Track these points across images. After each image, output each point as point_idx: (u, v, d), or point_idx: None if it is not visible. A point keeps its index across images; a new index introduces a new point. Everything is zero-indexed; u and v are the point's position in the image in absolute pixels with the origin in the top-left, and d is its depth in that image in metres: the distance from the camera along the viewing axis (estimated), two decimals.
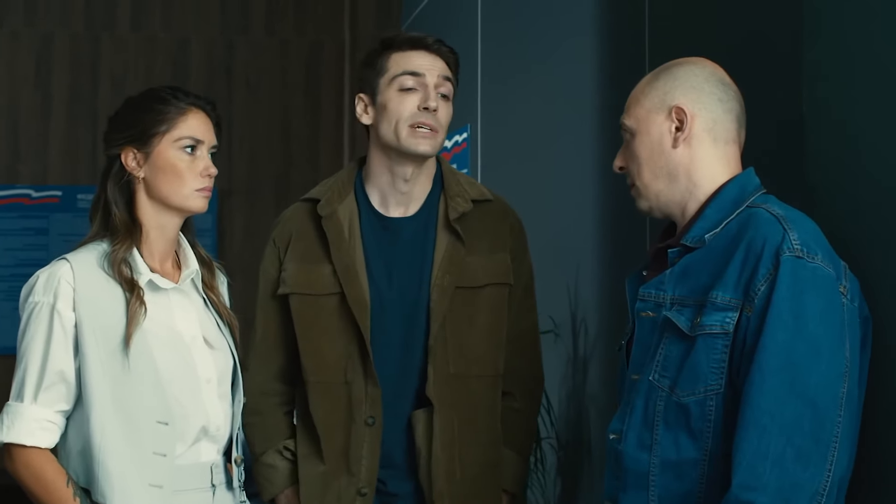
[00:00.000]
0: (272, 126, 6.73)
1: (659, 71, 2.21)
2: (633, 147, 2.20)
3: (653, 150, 2.18)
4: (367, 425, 2.70)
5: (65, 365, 2.40)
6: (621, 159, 2.24)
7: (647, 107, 2.18)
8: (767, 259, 1.98)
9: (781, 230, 1.99)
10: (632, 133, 2.20)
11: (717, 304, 2.02)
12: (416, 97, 2.69)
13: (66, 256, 2.46)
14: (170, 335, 2.47)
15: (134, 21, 6.64)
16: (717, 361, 2.02)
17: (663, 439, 2.07)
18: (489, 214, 2.81)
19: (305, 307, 2.76)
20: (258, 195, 6.57)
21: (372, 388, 2.70)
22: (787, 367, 1.93)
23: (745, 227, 2.05)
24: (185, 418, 2.44)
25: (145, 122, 2.49)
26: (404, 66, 2.70)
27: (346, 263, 2.73)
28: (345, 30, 6.85)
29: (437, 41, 2.74)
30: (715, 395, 2.02)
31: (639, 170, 2.20)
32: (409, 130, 2.68)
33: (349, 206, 2.77)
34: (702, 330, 2.03)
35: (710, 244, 2.09)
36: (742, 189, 2.13)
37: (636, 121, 2.19)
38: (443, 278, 2.72)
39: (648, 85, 2.20)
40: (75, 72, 6.58)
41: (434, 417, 2.69)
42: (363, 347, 2.70)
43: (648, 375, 2.11)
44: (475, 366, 2.74)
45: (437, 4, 5.64)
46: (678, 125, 2.16)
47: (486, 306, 2.76)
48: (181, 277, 2.54)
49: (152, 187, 2.49)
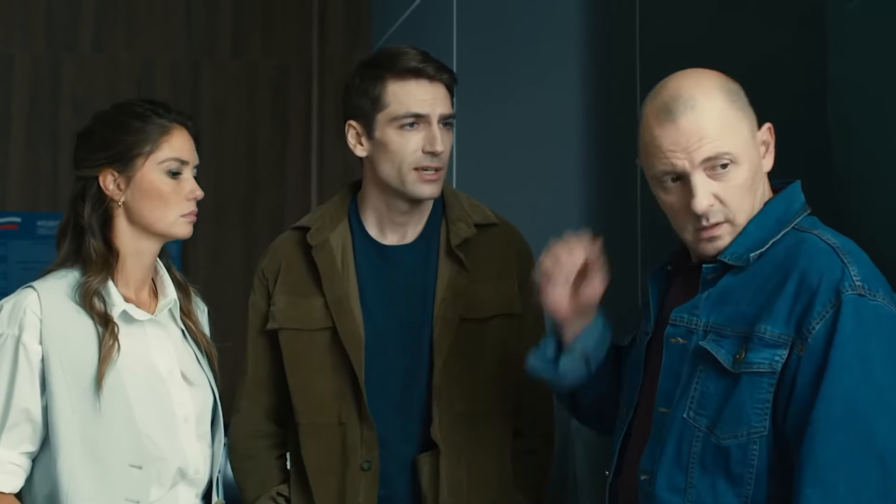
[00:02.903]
0: (238, 149, 6.68)
1: (720, 87, 1.98)
2: (739, 179, 1.96)
3: (756, 179, 1.99)
4: (363, 470, 2.56)
5: (30, 403, 2.27)
6: (709, 196, 1.96)
7: (746, 131, 1.98)
8: (825, 295, 1.84)
9: (840, 264, 1.86)
10: (733, 161, 1.96)
11: (766, 339, 1.89)
12: (420, 137, 2.53)
13: (33, 284, 2.33)
14: (145, 371, 2.35)
15: (96, 41, 6.57)
16: (762, 402, 1.89)
17: (699, 483, 1.94)
18: (494, 239, 2.67)
19: (296, 343, 2.62)
20: (224, 219, 6.50)
21: (367, 430, 2.57)
22: (852, 418, 1.80)
23: (794, 254, 1.92)
24: (162, 461, 2.32)
25: (126, 141, 2.35)
26: (406, 105, 2.52)
27: (338, 295, 2.59)
28: (313, 52, 6.82)
29: (438, 67, 2.57)
30: (759, 439, 1.89)
31: (743, 204, 1.98)
32: (414, 175, 2.54)
33: (342, 234, 2.64)
34: (748, 367, 1.89)
35: (752, 268, 1.96)
36: (787, 207, 2.00)
37: (744, 148, 1.97)
38: (446, 310, 2.58)
39: (733, 107, 1.97)
40: (35, 93, 6.50)
41: (440, 461, 2.55)
42: (357, 386, 2.57)
43: (682, 412, 1.97)
44: (483, 404, 2.61)
45: (409, 25, 5.61)
46: (765, 148, 2.01)
47: (494, 339, 2.63)
48: (158, 307, 2.42)
49: (134, 213, 2.37)
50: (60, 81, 6.49)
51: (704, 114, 1.94)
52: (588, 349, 2.25)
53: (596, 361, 2.27)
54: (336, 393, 2.58)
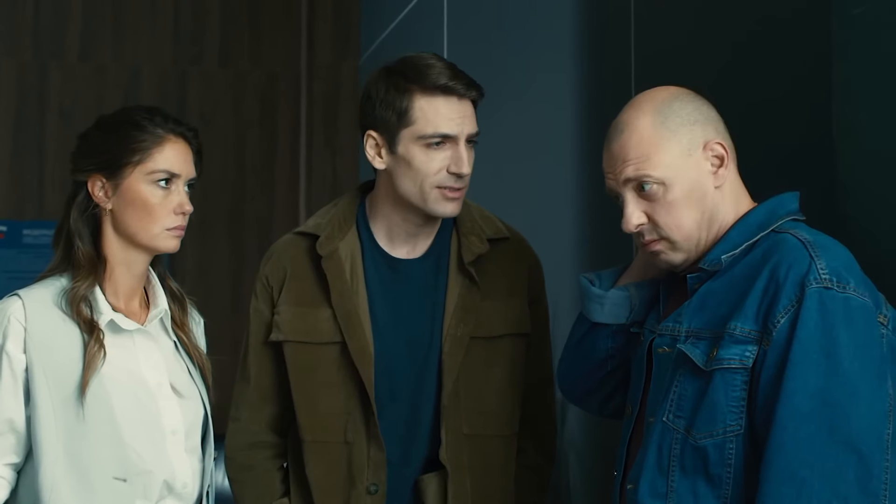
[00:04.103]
0: (226, 159, 6.66)
1: (653, 110, 2.03)
2: (668, 199, 2.00)
3: (692, 197, 2.01)
4: (370, 493, 2.48)
5: (14, 413, 2.24)
6: (639, 216, 2.03)
7: (674, 151, 2.00)
8: (790, 289, 1.85)
9: (808, 257, 1.87)
10: (663, 184, 2.00)
11: (736, 336, 1.89)
12: (445, 156, 2.43)
13: (19, 292, 2.30)
14: (131, 381, 2.30)
15: (83, 50, 6.54)
16: (737, 399, 1.89)
17: (680, 487, 1.94)
18: (506, 254, 2.59)
19: (302, 357, 2.53)
20: (211, 229, 6.47)
21: (376, 451, 2.49)
22: (822, 412, 1.80)
23: (769, 253, 1.92)
24: (147, 474, 2.27)
25: (116, 149, 2.30)
26: (434, 124, 2.41)
27: (347, 309, 2.50)
28: (301, 61, 6.81)
29: (468, 85, 2.46)
30: (735, 437, 1.89)
31: (676, 222, 2.01)
32: (436, 193, 2.44)
33: (350, 244, 2.54)
34: (719, 364, 1.90)
35: (732, 272, 1.96)
36: (772, 213, 2.00)
37: (666, 169, 2.00)
38: (456, 327, 2.50)
39: (660, 127, 2.01)
40: (21, 102, 6.47)
41: (449, 482, 2.48)
42: (366, 404, 2.48)
43: (662, 416, 1.97)
44: (491, 425, 2.54)
45: (399, 34, 5.60)
46: (718, 162, 2.01)
47: (503, 359, 2.55)
48: (148, 318, 2.37)
49: (119, 222, 2.32)
50: (47, 89, 6.46)
51: (630, 137, 2.02)
52: (635, 299, 2.23)
53: (636, 315, 2.24)
54: (342, 410, 2.49)
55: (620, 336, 2.24)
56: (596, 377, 2.30)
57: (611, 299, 2.23)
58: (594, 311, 2.25)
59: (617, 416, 2.30)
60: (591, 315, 2.26)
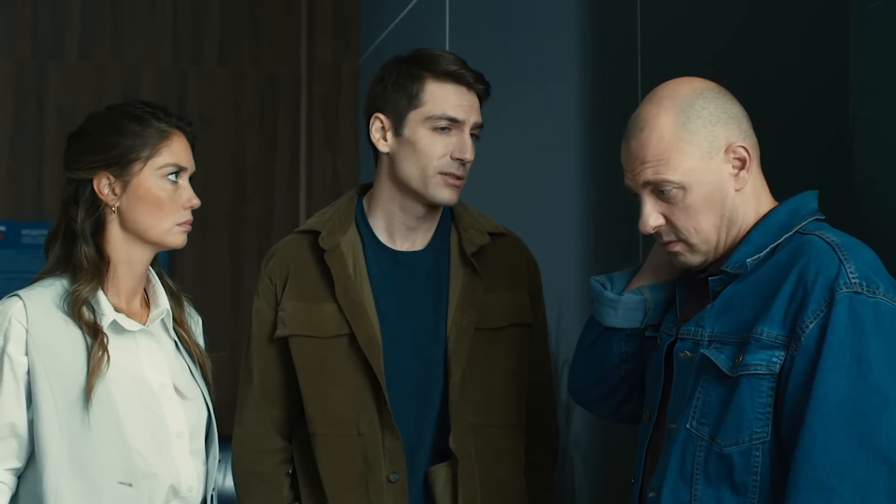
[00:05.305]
0: (225, 159, 6.64)
1: (675, 108, 1.98)
2: (686, 202, 1.98)
3: (712, 200, 1.98)
4: (390, 482, 2.49)
5: (16, 417, 2.22)
6: (657, 217, 2.01)
7: (695, 155, 1.96)
8: (819, 293, 1.82)
9: (837, 261, 1.84)
10: (682, 188, 1.97)
11: (763, 341, 1.87)
12: (450, 141, 2.50)
13: (19, 293, 2.27)
14: (135, 383, 2.28)
15: (82, 49, 6.53)
16: (763, 406, 1.86)
17: (703, 495, 1.91)
18: (505, 249, 2.64)
19: (309, 351, 2.54)
20: (210, 230, 6.45)
21: (391, 440, 2.50)
22: (852, 420, 1.76)
23: (796, 255, 1.89)
24: (153, 477, 2.25)
25: (123, 145, 2.29)
26: (443, 107, 2.49)
27: (353, 301, 2.52)
28: (301, 61, 6.80)
29: (477, 76, 2.55)
30: (761, 445, 1.86)
31: (695, 225, 1.99)
32: (438, 179, 2.50)
33: (352, 239, 2.58)
34: (745, 370, 1.87)
35: (756, 275, 1.93)
36: (794, 213, 1.97)
37: (685, 173, 1.96)
38: (461, 318, 2.53)
39: (681, 129, 1.96)
40: (20, 102, 6.46)
41: (459, 472, 2.50)
42: (378, 394, 2.50)
43: (685, 423, 1.94)
44: (498, 415, 2.56)
45: (399, 35, 5.60)
46: (740, 165, 1.98)
47: (507, 349, 2.58)
48: (150, 318, 2.35)
49: (128, 219, 2.30)
50: (45, 90, 6.45)
51: (650, 137, 1.98)
52: (650, 302, 2.20)
53: (651, 319, 2.21)
54: (353, 402, 2.51)
55: (634, 340, 2.21)
56: (609, 382, 2.27)
57: (625, 303, 2.19)
58: (607, 316, 2.22)
59: (630, 420, 2.27)
60: (604, 320, 2.23)
